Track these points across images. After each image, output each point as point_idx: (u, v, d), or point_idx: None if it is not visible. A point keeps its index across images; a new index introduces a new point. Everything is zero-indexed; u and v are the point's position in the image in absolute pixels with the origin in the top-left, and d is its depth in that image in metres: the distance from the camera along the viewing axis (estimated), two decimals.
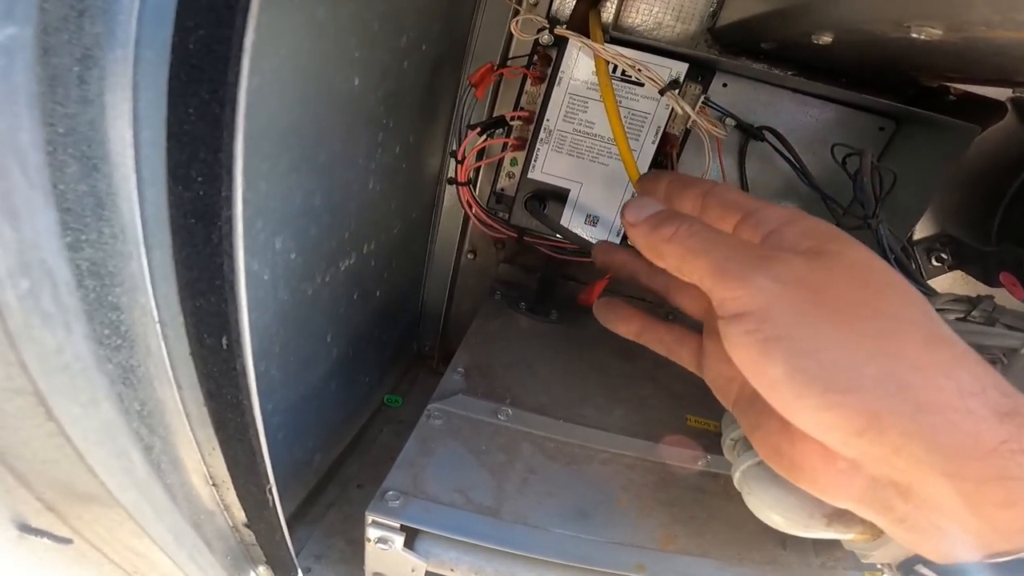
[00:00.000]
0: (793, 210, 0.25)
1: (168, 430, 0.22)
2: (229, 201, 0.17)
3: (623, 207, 0.28)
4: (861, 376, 0.20)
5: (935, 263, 0.52)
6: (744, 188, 0.54)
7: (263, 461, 0.24)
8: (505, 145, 0.50)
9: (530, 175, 0.48)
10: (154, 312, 0.19)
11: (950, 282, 0.55)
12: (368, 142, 0.39)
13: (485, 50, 0.50)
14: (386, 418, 0.55)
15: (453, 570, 0.34)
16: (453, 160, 0.49)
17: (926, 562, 0.23)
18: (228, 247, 0.18)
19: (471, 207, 0.51)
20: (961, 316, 0.39)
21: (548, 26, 0.44)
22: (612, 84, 0.41)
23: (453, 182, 0.50)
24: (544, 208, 0.49)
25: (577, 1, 0.45)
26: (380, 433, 0.53)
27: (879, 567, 0.30)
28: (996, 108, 0.47)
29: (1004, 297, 0.45)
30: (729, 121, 0.50)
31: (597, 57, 0.41)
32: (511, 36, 0.48)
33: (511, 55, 0.50)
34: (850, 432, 0.20)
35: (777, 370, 0.21)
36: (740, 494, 0.32)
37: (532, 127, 0.47)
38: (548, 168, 0.48)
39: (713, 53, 0.50)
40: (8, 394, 0.16)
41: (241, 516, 0.27)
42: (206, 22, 0.15)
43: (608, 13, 0.48)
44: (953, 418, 0.19)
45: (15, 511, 0.21)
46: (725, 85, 0.51)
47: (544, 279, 0.58)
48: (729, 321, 0.23)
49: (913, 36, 0.28)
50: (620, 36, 0.44)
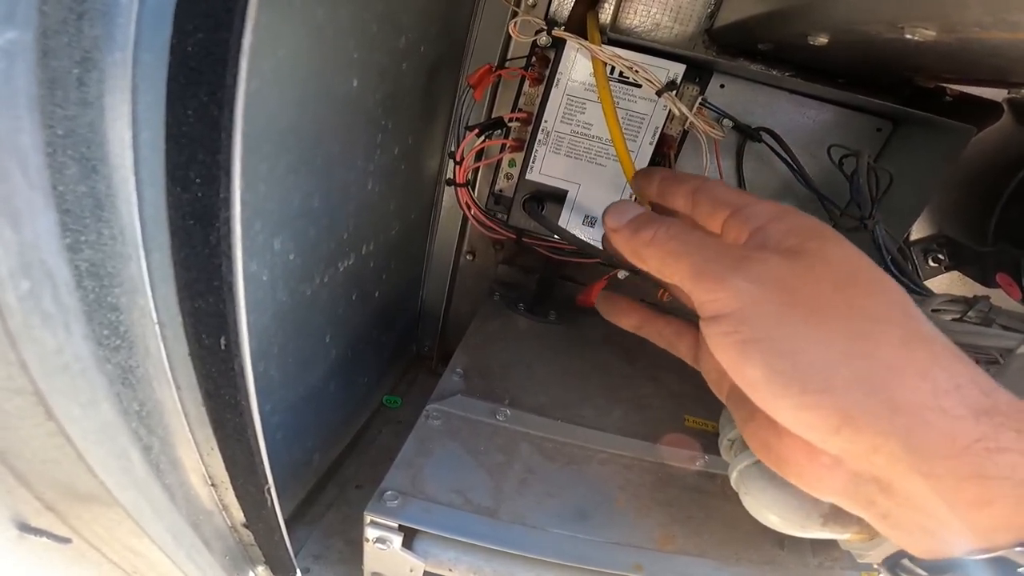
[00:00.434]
0: (780, 206, 0.25)
1: (167, 430, 0.22)
2: (227, 203, 0.17)
3: (605, 212, 0.28)
4: (835, 377, 0.20)
5: (932, 264, 0.52)
6: (742, 189, 0.54)
7: (261, 461, 0.24)
8: (503, 146, 0.50)
9: (528, 176, 0.48)
10: (153, 313, 0.19)
11: (947, 283, 0.55)
12: (367, 143, 0.39)
13: (483, 52, 0.50)
14: (385, 418, 0.55)
15: (451, 570, 0.34)
16: (452, 161, 0.49)
17: (911, 557, 0.23)
18: (227, 248, 0.18)
19: (470, 208, 0.51)
20: (958, 316, 0.40)
21: (546, 28, 0.44)
22: (609, 85, 0.41)
23: (452, 183, 0.50)
24: (542, 209, 0.49)
25: (575, 3, 0.45)
26: (379, 433, 0.53)
27: (875, 567, 0.30)
28: (992, 109, 0.47)
29: (1001, 298, 0.45)
30: (726, 122, 0.50)
31: (594, 58, 0.41)
32: (509, 38, 0.48)
33: (509, 56, 0.50)
34: (827, 430, 0.21)
35: (755, 371, 0.22)
36: (737, 494, 0.32)
37: (530, 128, 0.47)
38: (546, 169, 0.48)
39: (710, 54, 0.50)
40: (8, 394, 0.16)
41: (240, 516, 0.28)
42: (204, 25, 0.15)
43: (606, 14, 0.48)
44: (928, 418, 0.20)
45: (15, 511, 0.21)
46: (723, 86, 0.51)
47: (543, 280, 0.58)
48: (709, 322, 0.23)
49: (907, 37, 0.28)
50: (618, 37, 0.45)
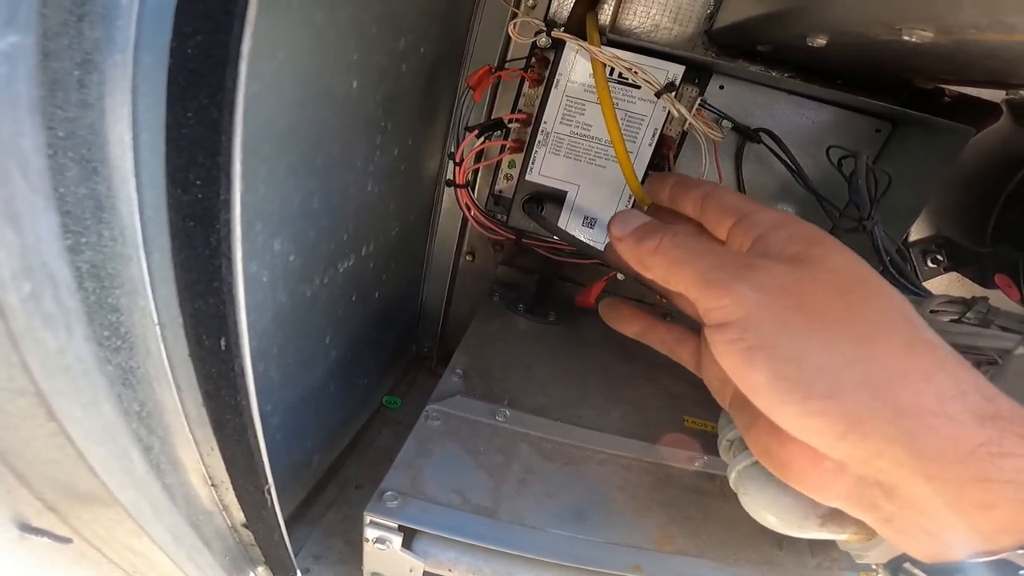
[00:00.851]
0: (784, 215, 0.26)
1: (167, 431, 0.22)
2: (228, 204, 0.17)
3: (610, 221, 0.28)
4: (840, 382, 0.21)
5: (931, 264, 0.52)
6: (741, 190, 0.54)
7: (261, 462, 0.25)
8: (503, 147, 0.50)
9: (528, 177, 0.48)
10: (153, 314, 0.19)
11: (946, 283, 0.55)
12: (366, 145, 0.39)
13: (483, 53, 0.51)
14: (385, 419, 0.56)
15: (451, 570, 0.34)
16: (451, 162, 0.49)
17: (913, 561, 0.23)
18: (227, 250, 0.18)
19: (469, 209, 0.51)
20: (956, 317, 0.40)
21: (546, 29, 0.45)
22: (609, 87, 0.41)
23: (451, 184, 0.50)
24: (542, 210, 0.49)
25: (575, 4, 0.45)
26: (379, 434, 0.54)
27: (874, 567, 0.30)
28: (991, 110, 0.47)
29: (999, 299, 0.45)
30: (726, 123, 0.50)
31: (594, 60, 0.41)
32: (509, 39, 0.48)
33: (509, 58, 0.50)
34: (833, 436, 0.21)
35: (761, 377, 0.22)
36: (736, 495, 0.32)
37: (530, 129, 0.48)
38: (546, 170, 0.48)
39: (710, 55, 0.50)
40: (10, 395, 0.16)
41: (240, 516, 0.28)
42: (204, 27, 0.15)
43: (605, 15, 0.48)
44: (933, 423, 0.20)
45: (16, 511, 0.21)
46: (722, 87, 0.51)
47: (542, 281, 0.58)
48: (714, 330, 0.23)
49: (905, 39, 0.28)
50: (617, 39, 0.45)
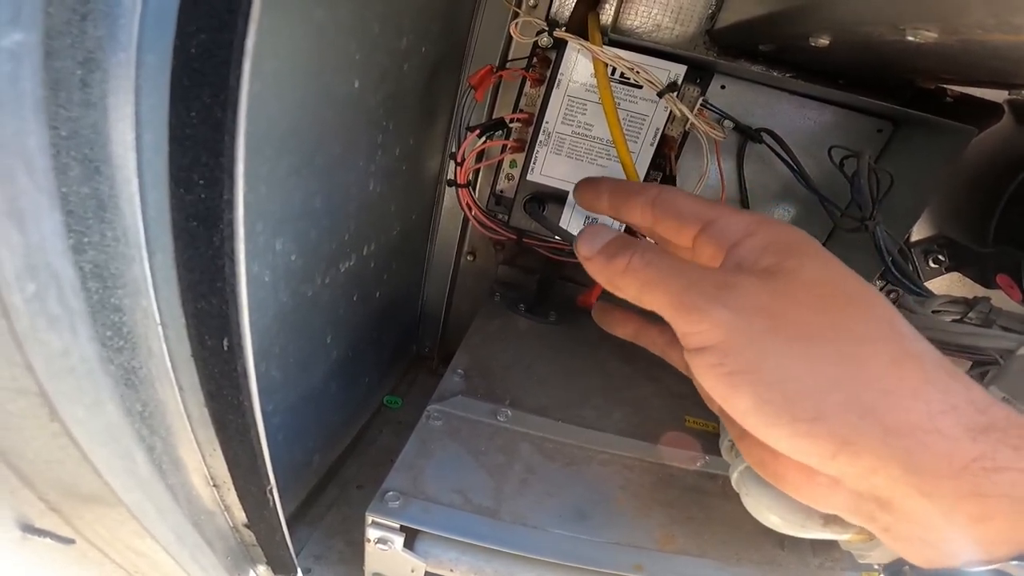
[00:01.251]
0: (753, 217, 0.24)
1: (169, 431, 0.22)
2: (231, 204, 0.17)
3: (576, 240, 0.26)
4: (826, 403, 0.20)
5: (932, 265, 0.52)
6: (742, 190, 0.54)
7: (263, 462, 0.25)
8: (504, 147, 0.50)
9: (529, 177, 0.48)
10: (156, 314, 0.19)
11: (947, 284, 0.55)
12: (368, 144, 0.39)
13: (484, 52, 0.51)
14: (386, 419, 0.56)
15: (452, 570, 0.34)
16: (453, 162, 0.49)
17: (912, 566, 0.23)
18: (229, 250, 0.18)
19: (470, 209, 0.51)
20: (958, 317, 0.40)
21: (547, 28, 0.44)
22: (611, 86, 0.41)
23: (453, 184, 0.50)
24: (543, 210, 0.49)
25: (576, 3, 0.45)
26: (380, 434, 0.54)
27: (876, 568, 0.30)
28: (993, 110, 0.47)
29: (1001, 299, 0.45)
30: (727, 123, 0.50)
31: (596, 59, 0.41)
32: (510, 38, 0.48)
33: (510, 57, 0.50)
34: (824, 456, 0.21)
35: (745, 403, 0.21)
36: (738, 495, 0.32)
37: (531, 129, 0.47)
38: (547, 170, 0.48)
39: (711, 55, 0.50)
40: (12, 395, 0.16)
41: (241, 516, 0.28)
42: (208, 26, 0.15)
43: (607, 15, 0.48)
44: (924, 439, 0.19)
45: (19, 512, 0.21)
46: (723, 87, 0.51)
47: (543, 281, 0.58)
48: (693, 355, 0.23)
49: (909, 39, 0.28)
50: (619, 38, 0.45)
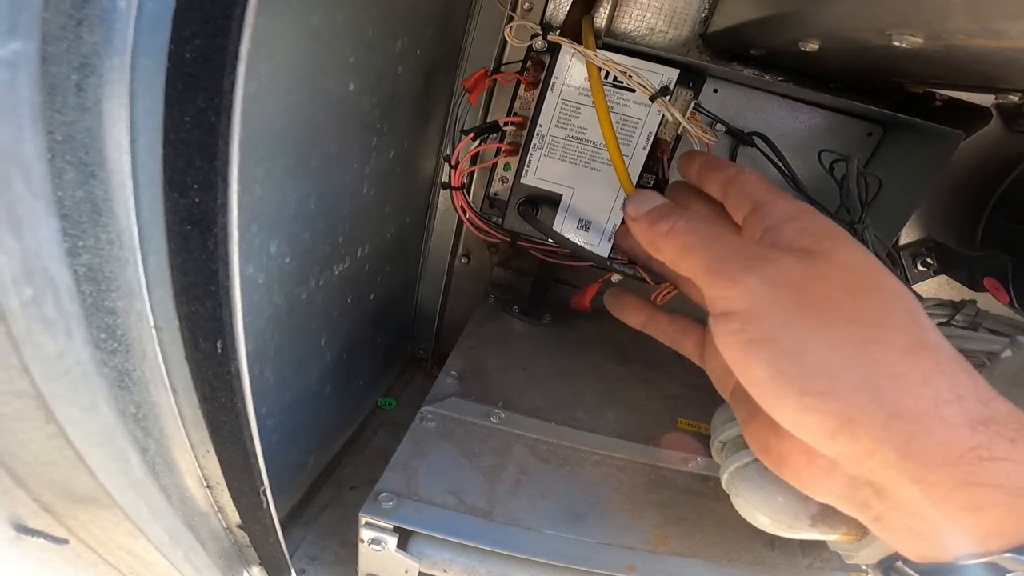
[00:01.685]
0: (800, 206, 0.26)
1: (163, 432, 0.22)
2: (225, 208, 0.17)
3: (626, 201, 0.29)
4: (838, 381, 0.21)
5: (920, 268, 0.53)
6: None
7: (257, 463, 0.25)
8: (498, 150, 0.50)
9: (523, 180, 0.49)
10: (150, 317, 0.19)
11: (935, 287, 0.56)
12: (362, 147, 0.39)
13: (479, 56, 0.51)
14: (380, 420, 0.56)
15: (446, 571, 0.34)
16: (447, 165, 0.49)
17: (905, 560, 0.23)
18: (224, 253, 0.18)
19: (465, 211, 0.51)
20: (945, 320, 0.40)
21: (541, 32, 0.45)
22: (604, 90, 0.41)
23: (447, 186, 0.50)
24: (537, 213, 0.49)
25: (570, 7, 0.45)
26: (374, 435, 0.54)
27: (864, 568, 0.30)
28: (981, 114, 0.48)
29: (988, 302, 0.45)
30: (719, 127, 0.51)
31: (589, 63, 0.42)
32: (505, 42, 0.49)
33: (505, 61, 0.50)
34: (824, 433, 0.21)
35: (760, 370, 0.22)
36: (729, 496, 0.33)
37: (525, 132, 0.48)
38: (541, 173, 0.48)
39: (704, 59, 0.50)
40: (8, 397, 0.16)
41: (235, 517, 0.28)
42: (202, 31, 0.16)
43: (601, 19, 0.49)
44: (928, 426, 0.20)
45: (12, 512, 0.21)
46: (716, 91, 0.52)
47: (537, 283, 0.59)
48: (718, 319, 0.23)
49: (896, 44, 0.28)
50: (613, 42, 0.45)
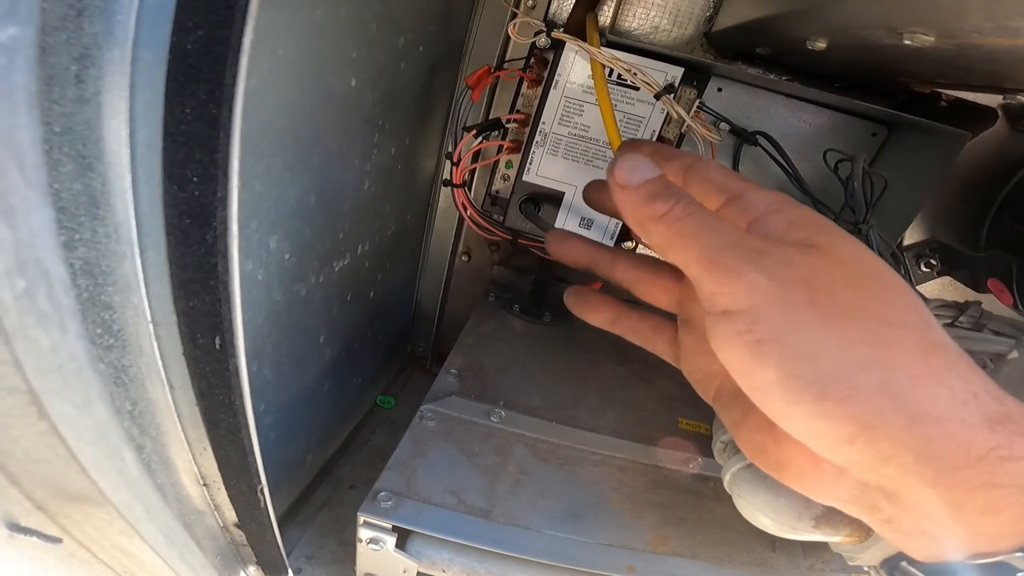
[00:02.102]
0: (779, 196, 0.24)
1: (159, 430, 0.22)
2: (224, 202, 0.17)
3: (611, 163, 0.25)
4: (858, 384, 0.20)
5: (924, 268, 0.53)
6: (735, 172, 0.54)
7: (255, 461, 0.24)
8: (500, 147, 0.50)
9: (525, 178, 0.48)
10: (147, 312, 0.19)
11: (939, 288, 0.56)
12: (364, 143, 0.39)
13: (482, 52, 0.50)
14: (379, 419, 0.55)
15: (445, 571, 0.34)
16: (448, 162, 0.49)
17: (911, 560, 0.23)
18: (223, 248, 0.18)
19: (466, 209, 0.51)
20: (949, 321, 0.40)
21: (545, 29, 0.44)
22: (608, 88, 0.41)
23: (448, 184, 0.50)
24: (539, 211, 0.49)
25: (574, 5, 0.45)
26: (373, 434, 0.53)
27: (866, 569, 0.30)
28: (987, 114, 0.47)
29: (992, 303, 0.45)
30: (723, 126, 0.51)
31: (593, 61, 0.41)
32: (508, 39, 0.48)
33: (508, 58, 0.50)
34: (839, 440, 0.20)
35: (769, 375, 0.20)
36: (730, 496, 0.32)
37: (528, 130, 0.47)
38: (543, 171, 0.48)
39: (709, 58, 0.50)
40: (0, 393, 0.16)
41: (232, 516, 0.27)
42: (205, 23, 0.15)
43: (605, 17, 0.48)
44: (948, 428, 0.19)
45: (5, 510, 0.21)
46: (720, 89, 0.51)
47: (538, 281, 0.58)
48: (718, 318, 0.21)
49: (906, 43, 0.28)
50: (617, 40, 0.45)
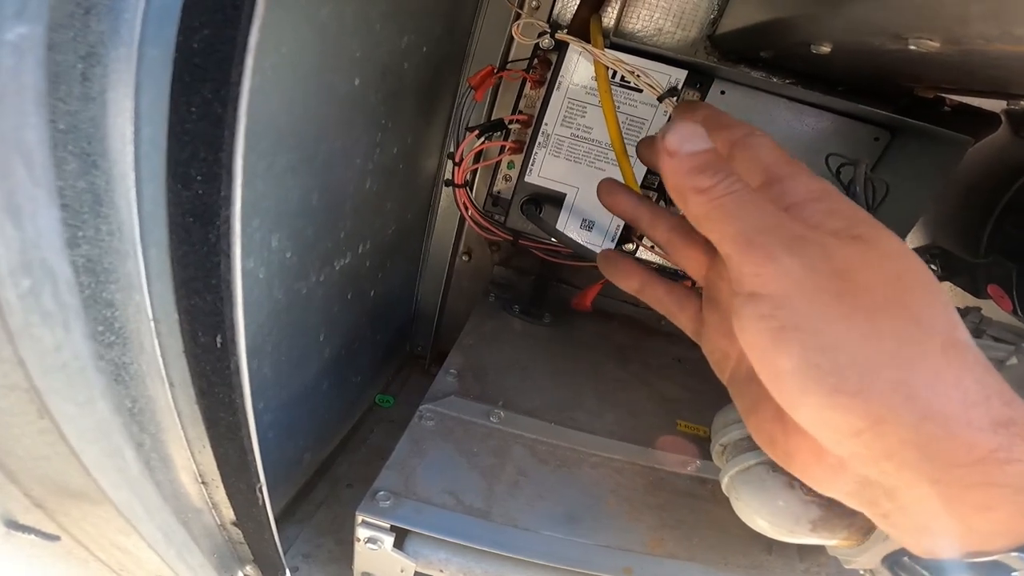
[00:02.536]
0: (823, 186, 0.23)
1: (158, 427, 0.22)
2: (228, 201, 0.17)
3: (663, 128, 0.24)
4: (875, 380, 0.19)
5: None
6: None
7: (254, 460, 0.24)
8: (503, 148, 0.50)
9: (527, 179, 0.48)
10: (148, 310, 0.19)
11: None
12: (366, 142, 0.39)
13: (485, 53, 0.50)
14: (377, 418, 0.55)
15: (442, 571, 0.34)
16: (451, 162, 0.49)
17: (912, 556, 0.23)
18: (226, 246, 0.18)
19: (467, 209, 0.51)
20: None
21: (549, 30, 0.45)
22: (611, 90, 0.41)
23: (450, 184, 0.50)
24: (540, 212, 0.49)
25: (578, 6, 0.45)
26: (371, 433, 0.53)
27: (862, 573, 0.30)
28: (990, 120, 0.47)
29: (992, 309, 0.45)
30: None
31: (597, 62, 0.41)
32: (512, 39, 0.48)
33: (511, 58, 0.50)
34: (846, 432, 0.20)
35: (788, 362, 0.20)
36: (728, 499, 0.32)
37: (530, 131, 0.47)
38: (545, 172, 0.48)
39: (712, 60, 0.50)
40: (1, 390, 0.16)
41: (229, 514, 0.27)
42: (211, 22, 0.15)
43: (609, 18, 0.48)
44: (954, 428, 0.19)
45: (3, 508, 0.21)
46: (723, 92, 0.51)
47: (538, 282, 0.58)
48: (745, 300, 0.21)
49: (911, 48, 0.28)
50: (621, 42, 0.45)
